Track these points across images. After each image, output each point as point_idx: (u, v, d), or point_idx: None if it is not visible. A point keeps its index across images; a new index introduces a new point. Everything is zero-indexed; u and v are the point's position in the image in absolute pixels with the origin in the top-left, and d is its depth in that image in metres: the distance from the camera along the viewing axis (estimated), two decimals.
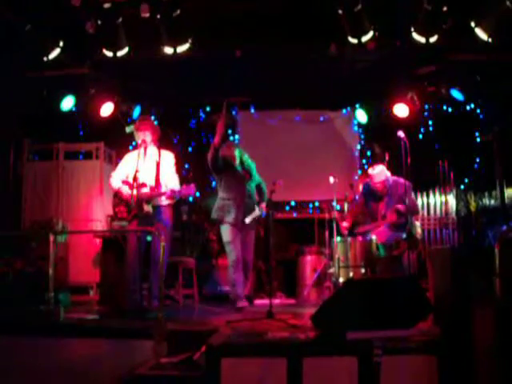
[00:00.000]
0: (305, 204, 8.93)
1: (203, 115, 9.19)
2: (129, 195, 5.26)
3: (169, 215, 5.50)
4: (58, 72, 7.30)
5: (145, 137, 5.51)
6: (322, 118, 9.13)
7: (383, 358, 3.19)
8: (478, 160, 8.48)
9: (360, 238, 6.20)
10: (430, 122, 8.84)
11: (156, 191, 5.34)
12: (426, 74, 7.92)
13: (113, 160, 8.39)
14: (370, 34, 6.23)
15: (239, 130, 9.06)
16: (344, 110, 9.17)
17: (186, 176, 8.32)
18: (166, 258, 5.15)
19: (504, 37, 5.98)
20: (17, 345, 4.34)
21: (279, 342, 3.60)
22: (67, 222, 7.51)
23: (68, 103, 8.01)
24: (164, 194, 5.36)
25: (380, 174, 6.31)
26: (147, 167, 5.44)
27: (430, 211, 8.25)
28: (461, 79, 7.85)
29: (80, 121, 8.65)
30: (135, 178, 5.26)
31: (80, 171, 8.24)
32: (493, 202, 7.80)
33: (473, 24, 6.02)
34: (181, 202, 7.34)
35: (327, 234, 6.84)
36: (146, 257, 5.42)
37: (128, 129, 5.85)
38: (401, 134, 5.67)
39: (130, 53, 6.53)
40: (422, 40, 6.21)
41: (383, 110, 8.78)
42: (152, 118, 6.03)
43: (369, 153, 9.12)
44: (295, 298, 7.17)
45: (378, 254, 6.02)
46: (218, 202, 5.88)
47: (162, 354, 3.92)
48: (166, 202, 5.45)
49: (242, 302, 5.65)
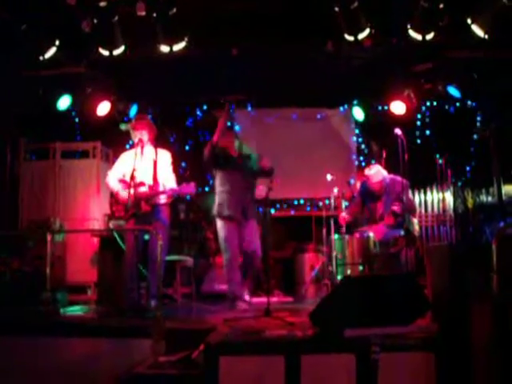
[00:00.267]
0: (302, 201, 8.93)
1: (200, 114, 9.18)
2: (126, 198, 5.25)
3: (167, 214, 5.48)
4: (54, 71, 7.28)
5: (142, 136, 5.47)
6: (319, 116, 9.12)
7: (381, 355, 3.20)
8: (474, 157, 8.49)
9: (357, 235, 6.21)
10: (427, 120, 8.85)
11: (155, 190, 5.33)
12: (422, 71, 7.92)
13: (110, 159, 8.37)
14: (367, 31, 6.22)
15: (236, 128, 9.04)
16: (341, 108, 9.17)
17: (183, 175, 8.32)
18: (164, 256, 5.15)
19: (500, 33, 5.99)
20: (15, 344, 4.34)
21: (277, 339, 3.60)
22: (64, 221, 7.49)
23: (64, 102, 7.99)
24: (165, 192, 5.35)
25: (376, 174, 6.32)
26: (144, 166, 5.41)
27: (428, 208, 8.25)
28: (457, 76, 7.85)
29: (77, 120, 8.63)
30: (132, 177, 5.25)
31: (77, 170, 8.23)
32: (490, 198, 7.80)
33: (469, 21, 6.03)
34: (178, 201, 7.32)
35: (325, 231, 6.85)
36: (143, 256, 5.41)
37: (123, 126, 5.84)
38: (398, 131, 5.68)
39: (127, 51, 6.51)
40: (419, 37, 6.21)
41: (380, 108, 8.80)
42: (149, 117, 6.00)
43: (366, 150, 9.12)
44: (293, 296, 7.17)
45: (375, 251, 6.03)
46: (216, 197, 5.84)
47: (161, 352, 3.92)
48: (163, 200, 5.43)
49: (241, 304, 5.59)
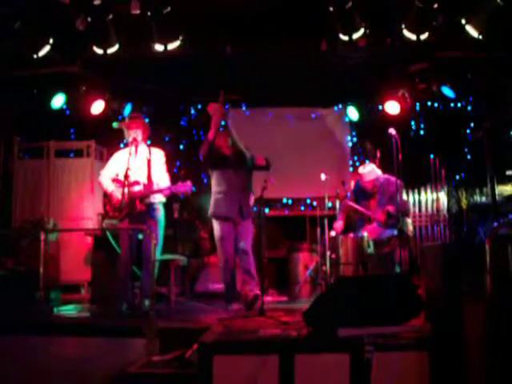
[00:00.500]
0: (296, 201, 8.93)
1: (194, 113, 9.17)
2: (119, 198, 5.23)
3: (161, 213, 5.47)
4: (48, 69, 7.25)
5: (136, 135, 5.44)
6: (313, 116, 9.12)
7: (375, 354, 3.21)
8: (469, 157, 8.51)
9: (351, 234, 6.22)
10: (421, 119, 8.86)
11: (151, 189, 5.31)
12: (417, 72, 7.94)
13: (104, 158, 8.32)
14: (361, 31, 6.24)
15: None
16: (335, 108, 9.17)
17: (177, 174, 8.31)
18: (158, 256, 5.14)
19: (494, 34, 6.01)
20: (8, 344, 4.32)
21: (271, 339, 3.59)
22: (58, 221, 7.46)
23: (58, 101, 7.97)
24: (161, 191, 5.33)
25: (370, 173, 6.33)
26: (138, 165, 5.39)
27: (422, 208, 8.26)
28: (452, 76, 7.88)
29: (71, 119, 8.59)
30: (126, 176, 5.23)
31: (71, 169, 8.21)
32: (484, 198, 7.82)
33: (463, 21, 6.05)
34: (172, 200, 7.31)
35: (319, 231, 6.85)
36: (137, 255, 5.39)
37: (115, 124, 5.81)
38: (392, 131, 5.69)
39: (121, 50, 6.50)
40: (413, 37, 6.23)
41: (374, 107, 8.80)
42: (143, 116, 5.99)
43: (360, 150, 9.13)
44: (287, 295, 7.16)
45: (369, 251, 6.03)
46: (212, 197, 5.81)
47: (154, 352, 3.91)
48: (158, 199, 5.42)
49: (234, 305, 5.58)
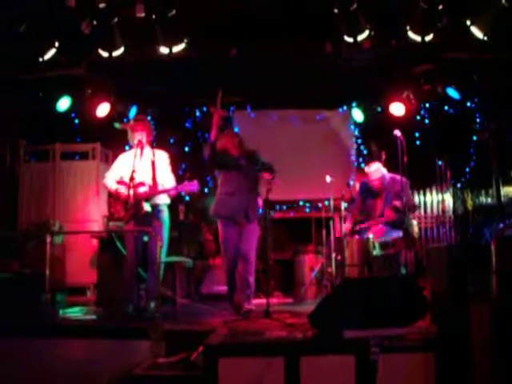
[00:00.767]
0: (302, 203, 8.93)
1: (199, 115, 9.18)
2: (126, 195, 5.24)
3: (166, 214, 5.46)
4: (54, 72, 7.28)
5: (141, 137, 5.44)
6: (318, 118, 9.13)
7: (380, 356, 3.20)
8: (474, 158, 8.49)
9: (357, 236, 6.20)
10: (427, 121, 8.85)
11: (157, 189, 5.31)
12: (421, 73, 7.93)
13: (109, 160, 8.32)
14: (366, 32, 6.24)
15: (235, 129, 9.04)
16: (340, 109, 9.18)
17: (182, 176, 8.31)
18: (163, 257, 5.14)
19: (499, 35, 6.00)
20: (14, 346, 4.33)
21: (277, 341, 3.59)
22: (64, 223, 7.47)
23: (64, 104, 8.00)
24: (167, 191, 5.33)
25: (376, 171, 6.33)
26: (143, 167, 5.39)
27: (427, 209, 8.26)
28: (457, 78, 7.87)
29: (76, 121, 8.62)
30: (132, 178, 5.24)
31: (76, 172, 8.22)
32: (489, 199, 7.81)
33: (468, 22, 6.04)
34: (177, 202, 7.32)
35: (324, 233, 6.84)
36: (143, 257, 5.40)
37: (117, 125, 5.81)
38: (397, 132, 5.68)
39: (126, 53, 6.52)
40: (418, 39, 6.22)
41: (379, 109, 8.80)
42: (148, 118, 5.99)
43: (365, 152, 9.12)
44: (292, 297, 7.16)
45: (374, 253, 6.02)
46: (215, 197, 5.71)
47: (160, 354, 3.92)
48: (162, 201, 5.43)
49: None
